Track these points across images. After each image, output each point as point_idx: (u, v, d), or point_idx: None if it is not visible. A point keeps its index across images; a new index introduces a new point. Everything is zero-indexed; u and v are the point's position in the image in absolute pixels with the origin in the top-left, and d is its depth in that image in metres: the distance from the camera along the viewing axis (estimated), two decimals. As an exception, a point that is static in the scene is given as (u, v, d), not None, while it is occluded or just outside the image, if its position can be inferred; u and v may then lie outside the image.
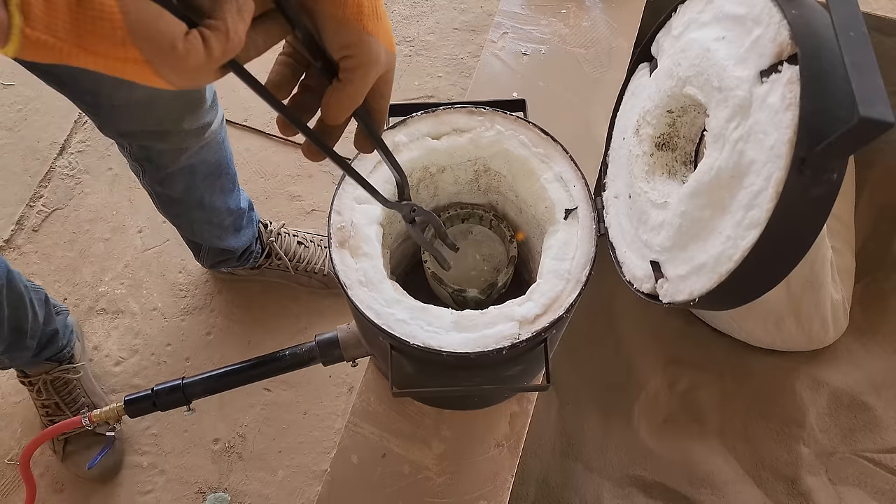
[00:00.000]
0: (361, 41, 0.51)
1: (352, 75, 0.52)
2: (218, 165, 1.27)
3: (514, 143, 0.83)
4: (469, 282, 0.95)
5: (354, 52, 0.51)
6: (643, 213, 0.71)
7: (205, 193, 1.28)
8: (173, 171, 1.20)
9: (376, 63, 0.52)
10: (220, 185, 1.31)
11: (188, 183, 1.24)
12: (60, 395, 1.42)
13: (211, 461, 1.45)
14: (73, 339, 1.46)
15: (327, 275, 1.57)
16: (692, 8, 0.67)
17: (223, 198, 1.33)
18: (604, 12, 1.34)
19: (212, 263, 1.51)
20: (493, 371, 0.81)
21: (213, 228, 1.38)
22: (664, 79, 0.69)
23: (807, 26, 0.53)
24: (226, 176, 1.31)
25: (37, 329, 1.31)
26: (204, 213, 1.33)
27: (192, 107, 1.09)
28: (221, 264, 1.52)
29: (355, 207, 0.79)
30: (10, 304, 1.20)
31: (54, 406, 1.42)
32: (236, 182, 1.37)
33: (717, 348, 1.54)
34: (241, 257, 1.50)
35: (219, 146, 1.24)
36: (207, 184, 1.27)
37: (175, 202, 1.29)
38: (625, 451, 1.44)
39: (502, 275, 0.91)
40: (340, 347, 0.91)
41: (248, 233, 1.47)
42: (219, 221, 1.37)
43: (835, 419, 1.45)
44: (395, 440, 1.03)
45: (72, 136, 1.80)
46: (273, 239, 1.55)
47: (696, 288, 0.60)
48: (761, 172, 0.53)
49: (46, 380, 1.41)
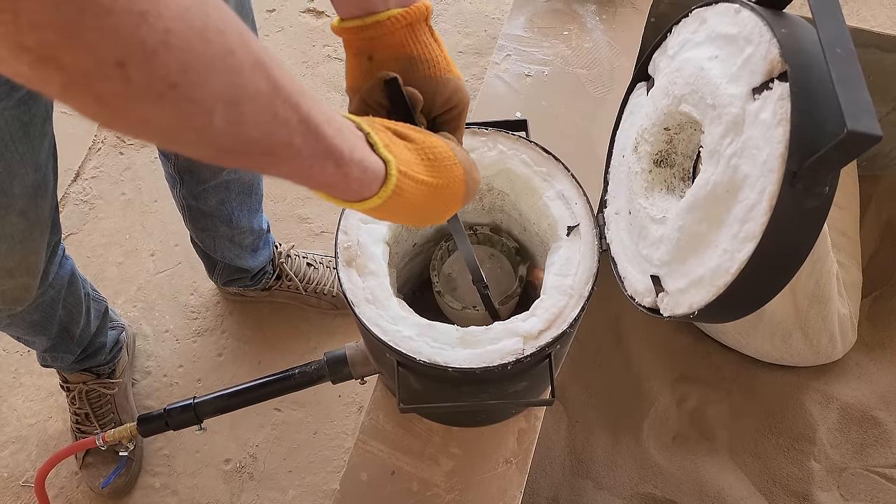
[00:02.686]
0: (459, 87, 0.59)
1: (460, 119, 0.59)
2: (251, 184, 1.32)
3: (516, 162, 0.85)
4: (476, 301, 0.96)
5: (458, 98, 0.59)
6: (643, 228, 0.72)
7: (234, 210, 1.32)
8: (210, 185, 1.24)
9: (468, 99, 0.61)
10: (250, 204, 1.35)
11: (221, 198, 1.28)
12: (92, 408, 1.45)
13: (222, 481, 1.46)
14: (119, 355, 1.49)
15: (336, 295, 1.59)
16: (686, 28, 0.69)
17: (249, 217, 1.37)
18: (605, 34, 1.37)
19: (225, 281, 1.54)
20: (499, 386, 0.82)
21: (234, 247, 1.41)
22: (661, 97, 0.71)
23: (796, 44, 0.54)
24: (255, 196, 1.36)
25: (85, 337, 1.34)
26: (229, 231, 1.36)
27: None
28: (234, 283, 1.54)
29: (361, 227, 0.81)
30: (65, 308, 1.23)
31: (84, 416, 1.45)
32: (262, 204, 1.41)
33: (725, 364, 1.54)
34: (255, 277, 1.53)
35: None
36: (239, 201, 1.31)
37: (205, 216, 1.32)
38: (634, 468, 1.44)
39: (509, 297, 0.92)
40: (349, 365, 0.93)
41: (265, 254, 1.50)
42: (240, 240, 1.40)
43: (845, 434, 1.45)
44: (404, 457, 1.03)
45: (86, 163, 1.83)
46: (283, 260, 1.57)
47: (695, 301, 0.62)
48: (755, 186, 0.54)
49: (83, 390, 1.43)
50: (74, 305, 1.26)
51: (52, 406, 1.54)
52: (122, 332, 1.50)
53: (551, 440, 1.45)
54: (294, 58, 1.98)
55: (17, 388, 1.56)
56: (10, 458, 1.49)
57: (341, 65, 1.97)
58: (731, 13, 0.61)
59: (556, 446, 1.45)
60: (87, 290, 1.28)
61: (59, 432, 1.51)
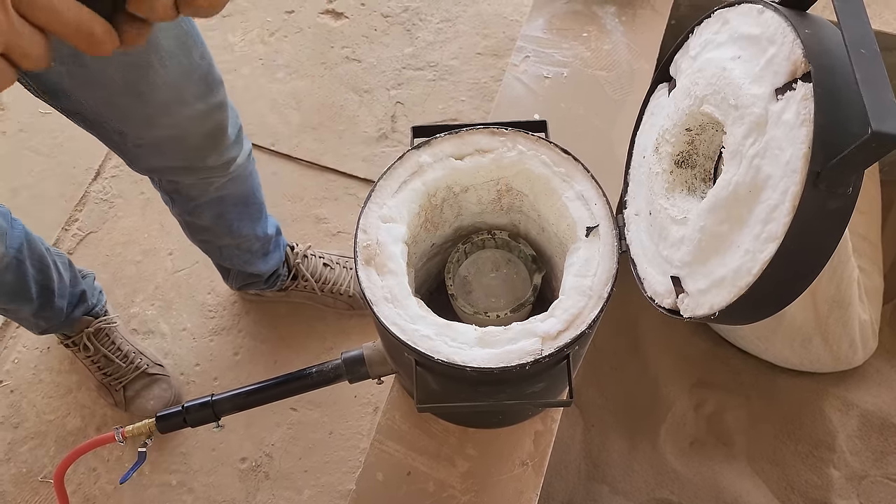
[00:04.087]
0: None
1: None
2: (246, 196, 1.31)
3: (535, 162, 0.85)
4: (489, 307, 0.96)
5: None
6: (663, 229, 0.72)
7: (233, 222, 1.32)
8: (202, 202, 1.24)
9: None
10: (249, 213, 1.34)
11: (217, 212, 1.28)
12: (105, 347, 1.49)
13: (238, 480, 1.47)
14: (102, 299, 1.53)
15: (353, 296, 1.59)
16: (709, 29, 0.69)
17: (251, 225, 1.37)
18: (625, 35, 1.36)
19: (240, 286, 1.55)
20: (516, 387, 0.81)
21: (241, 254, 1.41)
22: (682, 98, 0.71)
23: (819, 45, 0.54)
24: (254, 205, 1.35)
25: (64, 289, 1.37)
26: (233, 240, 1.36)
27: (216, 143, 1.12)
28: (249, 286, 1.55)
29: (381, 226, 0.81)
30: (33, 265, 1.25)
31: (104, 359, 1.48)
32: (264, 210, 1.40)
33: (744, 369, 1.53)
34: (268, 280, 1.53)
35: (247, 178, 1.28)
36: (236, 213, 1.31)
37: (205, 230, 1.33)
38: (651, 473, 1.43)
39: (522, 305, 0.92)
40: (366, 365, 0.93)
41: (276, 257, 1.51)
42: (248, 247, 1.40)
43: (865, 442, 1.43)
44: (420, 458, 1.03)
45: (106, 162, 1.85)
46: (299, 261, 1.58)
47: (716, 302, 0.61)
48: (778, 187, 0.54)
49: (89, 333, 1.47)
50: (40, 260, 1.28)
51: (70, 403, 1.55)
52: (94, 279, 1.53)
53: (567, 444, 1.44)
54: (312, 59, 1.99)
55: (36, 385, 1.57)
56: (28, 453, 1.51)
57: (360, 66, 1.98)
58: (754, 14, 0.61)
59: (572, 450, 1.45)
60: (45, 245, 1.31)
61: (78, 429, 1.53)
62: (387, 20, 2.05)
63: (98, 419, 1.54)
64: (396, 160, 0.85)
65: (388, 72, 1.96)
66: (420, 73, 1.95)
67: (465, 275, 1.00)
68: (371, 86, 1.94)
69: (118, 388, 1.49)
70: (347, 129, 1.88)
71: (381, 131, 1.87)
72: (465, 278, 1.00)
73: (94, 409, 1.55)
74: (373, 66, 1.97)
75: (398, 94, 1.93)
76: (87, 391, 1.56)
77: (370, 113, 1.90)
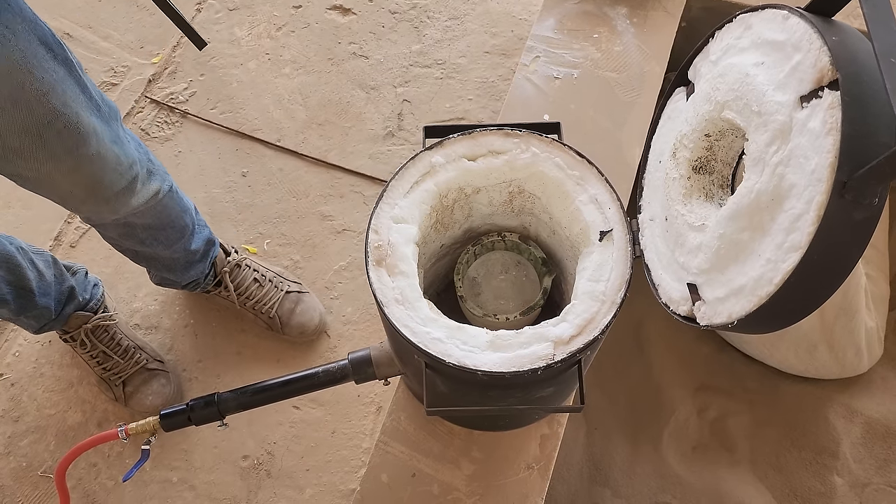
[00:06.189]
0: None
1: None
2: (160, 224, 1.27)
3: (549, 165, 0.84)
4: (498, 309, 0.95)
5: None
6: (680, 235, 0.71)
7: (145, 240, 1.29)
8: (105, 223, 1.22)
9: None
10: (164, 236, 1.31)
11: (123, 232, 1.25)
12: (104, 343, 1.46)
13: (240, 478, 1.46)
14: (98, 293, 1.49)
15: (273, 318, 1.55)
16: (730, 34, 0.68)
17: (166, 246, 1.33)
18: (636, 37, 1.35)
19: (158, 282, 1.53)
20: (527, 391, 0.81)
21: (156, 264, 1.40)
22: (702, 103, 0.70)
23: (847, 52, 0.53)
24: (171, 229, 1.31)
25: (47, 287, 1.33)
26: (145, 253, 1.35)
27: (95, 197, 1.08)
28: (168, 286, 1.53)
29: (392, 227, 0.80)
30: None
31: (102, 355, 1.47)
32: (188, 230, 1.36)
33: (748, 375, 1.52)
34: (186, 286, 1.51)
35: (161, 211, 1.24)
36: (146, 235, 1.28)
37: (111, 239, 1.32)
38: (653, 477, 1.42)
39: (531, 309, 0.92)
40: (373, 366, 0.92)
41: (199, 269, 1.47)
42: (162, 261, 1.39)
43: (869, 449, 1.43)
44: (425, 460, 1.03)
45: (110, 155, 1.84)
46: (227, 270, 1.53)
47: (734, 311, 0.60)
48: (802, 196, 0.53)
49: (87, 329, 1.45)
50: (7, 260, 1.23)
51: (71, 397, 1.54)
52: (86, 273, 1.50)
53: (569, 447, 1.44)
54: (319, 54, 1.98)
55: (37, 379, 1.56)
56: (28, 447, 1.50)
57: (367, 62, 1.97)
58: (779, 19, 0.60)
59: (575, 453, 1.44)
60: (17, 244, 1.26)
61: (78, 424, 1.52)
62: (394, 17, 2.04)
63: (99, 414, 1.53)
64: (409, 160, 0.84)
65: (395, 69, 1.95)
66: (427, 71, 1.94)
67: (474, 276, 0.99)
68: (378, 83, 1.93)
69: (118, 383, 1.48)
70: (354, 126, 1.87)
71: (388, 129, 1.86)
72: (474, 280, 0.99)
73: (94, 404, 1.54)
74: (380, 63, 1.96)
75: (405, 91, 1.92)
76: (88, 385, 1.55)
77: (377, 110, 1.89)
